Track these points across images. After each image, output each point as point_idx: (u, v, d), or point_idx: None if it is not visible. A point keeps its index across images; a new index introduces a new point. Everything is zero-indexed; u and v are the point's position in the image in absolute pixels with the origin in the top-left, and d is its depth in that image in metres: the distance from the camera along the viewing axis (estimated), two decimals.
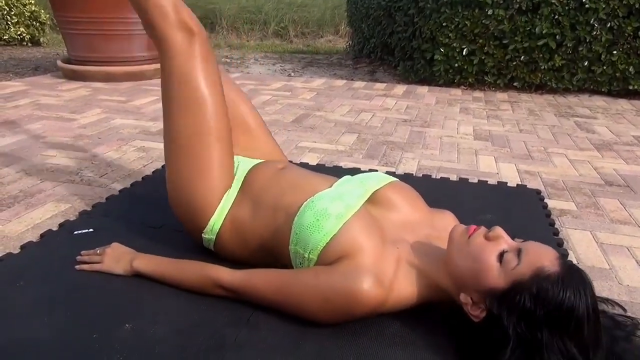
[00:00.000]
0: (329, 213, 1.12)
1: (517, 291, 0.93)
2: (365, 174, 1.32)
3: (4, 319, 1.11)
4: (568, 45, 3.87)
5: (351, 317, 1.07)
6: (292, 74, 4.89)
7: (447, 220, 1.25)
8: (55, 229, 1.54)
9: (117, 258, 1.30)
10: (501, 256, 0.97)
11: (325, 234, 1.11)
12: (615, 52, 3.85)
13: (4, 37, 5.80)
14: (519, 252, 0.96)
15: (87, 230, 1.51)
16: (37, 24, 5.97)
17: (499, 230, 1.02)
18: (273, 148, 1.56)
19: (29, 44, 5.94)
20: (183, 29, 1.28)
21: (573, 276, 0.92)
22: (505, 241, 1.00)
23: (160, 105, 3.33)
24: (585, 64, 3.92)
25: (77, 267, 1.31)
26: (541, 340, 0.89)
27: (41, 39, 6.05)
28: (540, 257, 0.94)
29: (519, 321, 0.92)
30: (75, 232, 1.50)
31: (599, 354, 0.90)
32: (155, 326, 1.10)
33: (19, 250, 1.42)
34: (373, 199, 1.22)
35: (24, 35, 5.87)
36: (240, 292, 1.16)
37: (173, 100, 1.30)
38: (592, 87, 4.03)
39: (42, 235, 1.50)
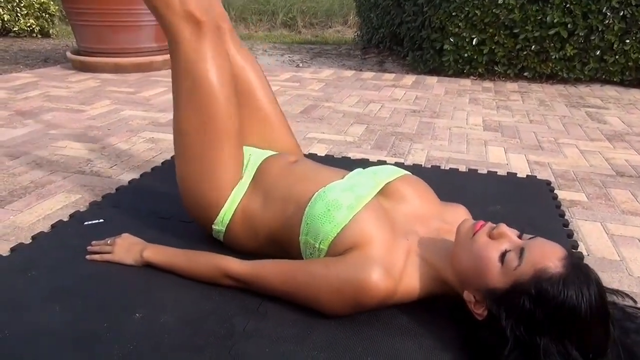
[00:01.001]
0: (340, 204, 1.12)
1: (517, 293, 0.91)
2: (377, 166, 1.31)
3: (16, 309, 1.12)
4: (580, 34, 3.82)
5: (360, 308, 1.07)
6: (301, 65, 4.87)
7: (458, 214, 1.25)
8: (66, 219, 1.56)
9: (127, 248, 1.31)
10: (503, 256, 0.95)
11: (336, 225, 1.10)
12: (628, 41, 3.79)
13: (14, 29, 5.83)
14: (521, 252, 0.94)
15: (97, 221, 1.53)
16: (47, 15, 5.98)
17: (502, 228, 0.99)
18: (290, 140, 1.55)
19: (39, 36, 5.96)
20: (189, 19, 1.24)
21: (576, 277, 0.88)
22: (509, 239, 0.97)
23: (169, 96, 3.35)
24: (597, 53, 3.87)
25: (87, 257, 1.32)
26: (539, 344, 0.87)
27: (50, 31, 6.06)
28: (543, 257, 0.91)
29: (518, 324, 0.90)
30: (86, 223, 1.52)
31: (605, 358, 0.88)
32: (165, 315, 1.11)
33: (30, 240, 1.43)
34: (384, 192, 1.22)
35: (34, 26, 5.89)
36: (250, 282, 1.16)
37: (182, 91, 1.28)
38: (604, 76, 3.98)
39: (53, 226, 1.51)
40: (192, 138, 1.28)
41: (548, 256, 0.91)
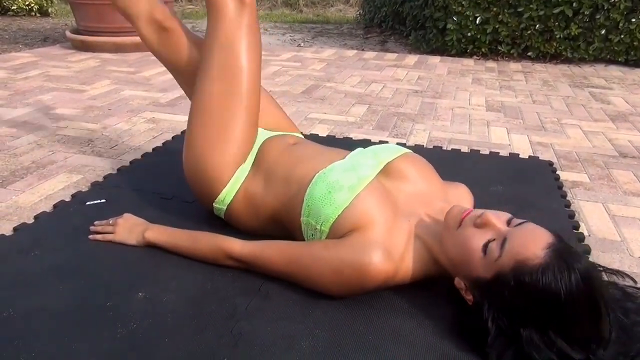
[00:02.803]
0: (341, 185, 1.12)
1: (498, 284, 0.91)
2: (378, 145, 1.30)
3: (19, 288, 1.13)
4: (585, 12, 3.77)
5: (361, 289, 1.07)
6: (302, 44, 4.82)
7: (461, 194, 1.25)
8: (67, 199, 1.56)
9: (129, 229, 1.31)
10: (486, 246, 0.95)
11: (337, 207, 1.10)
12: (633, 19, 3.74)
13: (13, 8, 5.77)
14: (503, 243, 0.92)
15: (99, 201, 1.53)
16: None
17: (487, 217, 0.97)
18: (283, 117, 1.54)
19: (38, 15, 5.90)
20: None
21: (556, 265, 0.86)
22: (493, 228, 0.96)
23: (169, 76, 3.32)
24: (602, 32, 3.82)
25: (90, 237, 1.33)
26: (522, 334, 0.87)
27: (49, 10, 6.00)
28: (525, 247, 0.90)
29: (499, 314, 0.90)
30: (88, 203, 1.52)
31: (602, 343, 0.86)
32: (168, 295, 1.12)
33: (33, 220, 1.44)
34: (386, 171, 1.21)
35: (32, 5, 5.82)
36: (251, 263, 1.17)
37: (212, 64, 1.33)
38: (608, 56, 3.94)
39: (55, 206, 1.52)
40: (212, 110, 1.31)
41: (530, 246, 0.90)
